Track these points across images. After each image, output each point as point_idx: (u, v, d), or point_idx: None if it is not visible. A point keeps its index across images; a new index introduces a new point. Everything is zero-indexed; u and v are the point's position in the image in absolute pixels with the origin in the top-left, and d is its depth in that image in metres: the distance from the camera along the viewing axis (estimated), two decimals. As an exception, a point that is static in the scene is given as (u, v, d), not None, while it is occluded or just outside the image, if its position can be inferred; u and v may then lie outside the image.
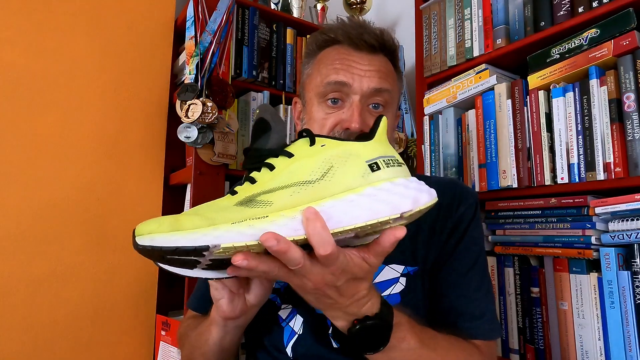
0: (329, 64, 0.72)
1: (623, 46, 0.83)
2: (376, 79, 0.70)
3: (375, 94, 0.70)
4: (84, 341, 1.04)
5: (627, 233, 0.81)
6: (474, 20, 1.13)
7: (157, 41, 1.23)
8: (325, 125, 0.70)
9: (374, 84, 0.69)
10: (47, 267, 1.01)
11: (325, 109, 0.71)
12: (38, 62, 1.05)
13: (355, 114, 0.68)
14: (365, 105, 0.70)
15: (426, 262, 0.69)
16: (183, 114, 1.08)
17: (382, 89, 0.70)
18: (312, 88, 0.74)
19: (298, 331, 0.67)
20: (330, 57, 0.72)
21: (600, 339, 0.84)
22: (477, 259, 0.70)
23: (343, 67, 0.70)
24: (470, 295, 0.67)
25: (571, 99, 0.91)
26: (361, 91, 0.69)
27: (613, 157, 0.84)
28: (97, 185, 1.10)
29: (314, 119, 0.72)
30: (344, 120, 0.69)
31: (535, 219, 0.97)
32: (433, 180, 0.84)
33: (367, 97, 0.70)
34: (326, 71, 0.71)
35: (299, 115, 0.80)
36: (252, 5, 1.27)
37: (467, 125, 1.12)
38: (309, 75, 0.76)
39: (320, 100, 0.72)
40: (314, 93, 0.73)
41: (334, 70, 0.70)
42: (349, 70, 0.69)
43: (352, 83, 0.69)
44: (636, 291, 0.79)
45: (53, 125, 1.06)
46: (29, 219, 1.00)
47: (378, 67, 0.71)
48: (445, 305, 0.67)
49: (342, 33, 0.72)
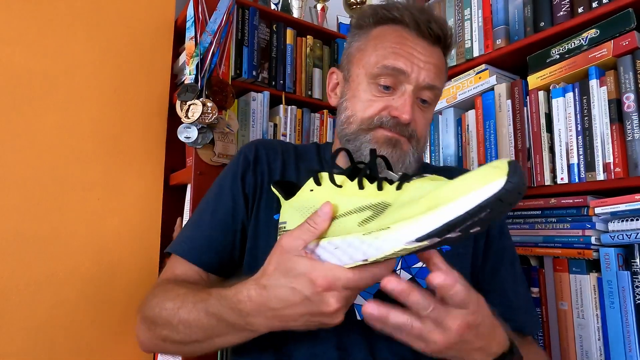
0: (388, 45, 0.68)
1: (623, 46, 0.83)
2: (433, 74, 0.67)
3: (428, 89, 0.68)
4: (84, 341, 1.04)
5: (626, 233, 0.81)
6: (474, 21, 1.13)
7: (157, 41, 1.23)
8: (372, 106, 0.68)
9: (430, 79, 0.67)
10: (47, 268, 1.01)
11: (374, 90, 0.68)
12: (38, 62, 1.05)
13: (407, 104, 0.66)
14: (416, 96, 0.68)
15: (457, 246, 0.69)
16: (183, 114, 1.08)
17: (436, 87, 0.68)
18: (363, 65, 0.70)
19: None
20: (390, 38, 0.68)
21: (600, 339, 0.84)
22: (515, 254, 0.72)
23: (404, 54, 0.66)
24: (517, 290, 0.69)
25: (571, 99, 0.91)
26: (417, 82, 0.66)
27: (613, 157, 0.84)
28: (97, 185, 1.10)
29: (360, 98, 0.69)
30: (393, 108, 0.67)
31: (535, 219, 0.97)
32: (435, 168, 0.84)
33: (419, 89, 0.67)
34: (384, 52, 0.67)
35: (335, 87, 0.77)
36: (252, 5, 1.27)
37: (467, 125, 1.12)
38: (360, 49, 0.72)
39: (370, 81, 0.68)
40: (364, 71, 0.69)
41: (393, 54, 0.66)
42: (409, 58, 0.66)
43: (410, 72, 0.66)
44: (636, 291, 0.79)
45: (53, 125, 1.06)
46: (29, 219, 1.00)
47: (436, 61, 0.69)
48: (495, 299, 0.64)
49: (409, 15, 0.68)
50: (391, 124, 0.67)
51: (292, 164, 0.75)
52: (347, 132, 0.70)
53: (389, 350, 0.61)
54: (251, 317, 0.48)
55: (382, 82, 0.67)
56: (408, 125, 0.67)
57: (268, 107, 1.28)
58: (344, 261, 0.44)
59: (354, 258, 0.43)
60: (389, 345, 0.60)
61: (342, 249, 0.44)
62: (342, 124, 0.71)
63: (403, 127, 0.67)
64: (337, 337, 0.61)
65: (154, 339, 0.62)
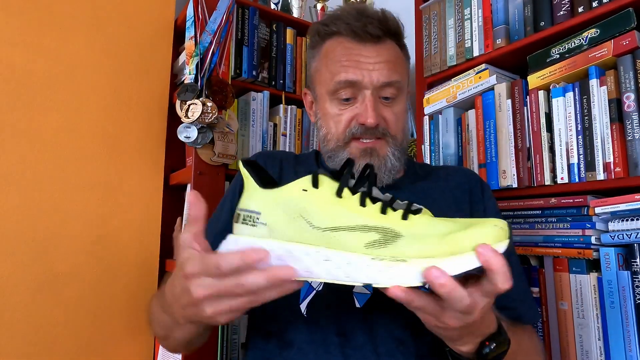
0: (336, 60, 0.70)
1: (623, 46, 0.83)
2: (385, 72, 0.69)
3: (386, 87, 0.70)
4: (84, 341, 1.04)
5: (627, 233, 0.81)
6: (474, 20, 1.13)
7: (157, 41, 1.23)
8: (341, 121, 0.70)
9: (383, 77, 0.69)
10: (48, 268, 1.01)
11: (338, 105, 0.71)
12: (38, 62, 1.05)
13: (369, 109, 0.68)
14: (377, 97, 0.70)
15: None
16: (183, 114, 1.08)
17: (392, 82, 0.70)
18: (321, 84, 0.73)
19: (317, 287, 0.64)
20: (336, 52, 0.71)
21: (600, 339, 0.84)
22: (512, 246, 0.74)
23: (351, 64, 0.69)
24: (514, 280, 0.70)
25: (571, 99, 0.91)
26: (372, 85, 0.69)
27: (613, 157, 0.84)
28: (97, 185, 1.10)
29: (329, 115, 0.72)
30: (359, 116, 0.69)
31: (535, 219, 0.97)
32: (420, 166, 0.85)
33: (378, 90, 0.70)
34: (334, 68, 0.70)
35: (311, 106, 0.80)
36: (252, 5, 1.27)
37: (467, 125, 1.12)
38: (317, 70, 0.75)
39: (332, 98, 0.71)
40: (324, 90, 0.72)
41: (342, 67, 0.69)
42: (357, 66, 0.68)
43: (362, 79, 0.68)
44: (636, 291, 0.79)
45: (53, 125, 1.06)
46: (29, 219, 1.00)
47: (386, 57, 0.70)
48: None
49: (344, 26, 0.71)
50: (361, 131, 0.69)
51: (290, 169, 0.77)
52: (327, 149, 0.73)
53: (390, 335, 0.62)
54: (171, 308, 0.50)
55: (342, 95, 0.70)
56: (377, 127, 0.69)
57: (268, 106, 1.28)
58: (336, 276, 0.43)
59: (352, 277, 0.43)
60: (389, 330, 0.62)
61: (337, 264, 0.43)
62: (322, 142, 0.75)
63: (373, 130, 0.69)
64: (337, 323, 0.63)
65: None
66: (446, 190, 0.75)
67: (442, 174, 0.80)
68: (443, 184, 0.76)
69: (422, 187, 0.76)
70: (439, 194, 0.74)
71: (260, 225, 0.46)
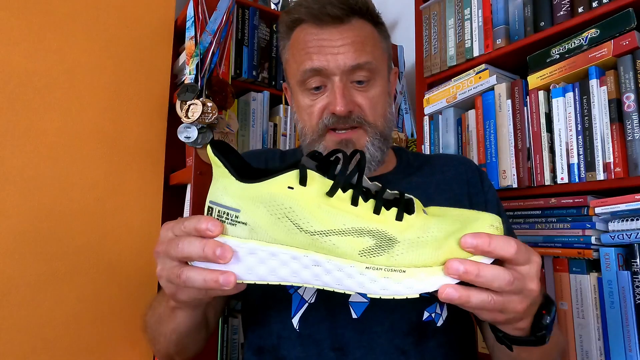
0: (301, 49, 0.67)
1: (623, 46, 0.83)
2: (351, 54, 0.64)
3: (356, 70, 0.65)
4: (83, 341, 1.04)
5: (627, 233, 0.81)
6: (474, 20, 1.13)
7: (157, 41, 1.23)
8: (313, 113, 0.67)
9: (350, 60, 0.64)
10: (48, 267, 1.01)
11: (309, 95, 0.68)
12: (38, 62, 1.05)
13: (337, 96, 0.64)
14: (348, 82, 0.66)
15: None
16: (183, 114, 1.08)
17: (361, 64, 0.65)
18: (291, 76, 0.70)
19: (309, 300, 0.61)
20: (301, 41, 0.67)
21: (600, 339, 0.84)
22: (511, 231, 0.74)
23: (315, 51, 0.65)
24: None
25: (571, 99, 0.91)
26: (339, 70, 0.64)
27: (613, 157, 0.84)
28: (97, 185, 1.10)
29: (302, 107, 0.69)
30: (329, 104, 0.65)
31: (535, 219, 0.97)
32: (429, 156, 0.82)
33: (347, 74, 0.65)
34: (300, 57, 0.66)
35: (291, 101, 0.78)
36: (252, 5, 1.27)
37: (467, 125, 1.12)
38: (287, 61, 0.72)
39: (302, 89, 0.68)
40: (295, 81, 0.69)
41: (307, 55, 0.65)
42: (321, 52, 0.64)
43: (327, 66, 0.64)
44: (636, 291, 0.79)
45: (53, 125, 1.06)
46: (29, 219, 1.00)
47: (352, 39, 0.65)
48: None
49: (304, 11, 0.66)
50: (334, 120, 0.65)
51: (275, 165, 0.75)
52: (305, 143, 0.70)
53: (390, 345, 0.59)
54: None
55: (311, 85, 0.66)
56: (350, 115, 0.65)
57: (268, 107, 1.28)
58: (326, 282, 0.42)
59: (345, 285, 0.41)
60: (389, 339, 0.59)
61: (327, 269, 0.41)
62: (300, 136, 0.72)
63: (346, 118, 0.65)
64: (332, 337, 0.60)
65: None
66: (442, 184, 0.72)
67: (438, 164, 0.76)
68: (439, 177, 0.73)
69: (416, 182, 0.72)
70: (434, 190, 0.71)
71: (240, 225, 0.42)
